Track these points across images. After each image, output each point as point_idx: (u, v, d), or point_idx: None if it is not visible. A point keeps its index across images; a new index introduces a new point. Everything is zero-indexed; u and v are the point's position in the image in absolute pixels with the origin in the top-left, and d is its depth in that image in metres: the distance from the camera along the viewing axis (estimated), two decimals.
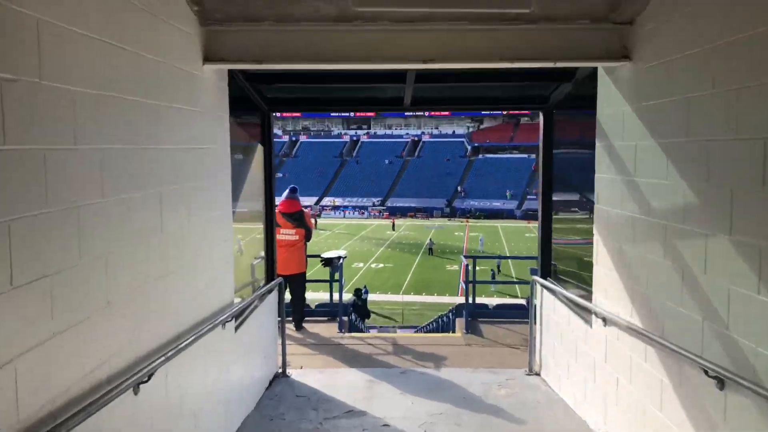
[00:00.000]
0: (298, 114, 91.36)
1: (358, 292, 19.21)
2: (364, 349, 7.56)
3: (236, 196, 5.35)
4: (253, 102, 6.13)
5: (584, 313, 5.10)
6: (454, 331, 9.03)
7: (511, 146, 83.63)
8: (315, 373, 6.61)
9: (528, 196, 71.29)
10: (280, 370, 6.54)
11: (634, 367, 4.07)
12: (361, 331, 11.89)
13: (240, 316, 5.20)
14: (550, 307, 6.04)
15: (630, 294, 4.16)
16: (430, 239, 47.07)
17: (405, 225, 61.07)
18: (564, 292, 5.53)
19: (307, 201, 70.06)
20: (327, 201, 74.55)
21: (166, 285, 3.49)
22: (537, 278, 6.36)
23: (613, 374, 4.43)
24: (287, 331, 8.23)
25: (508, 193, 71.54)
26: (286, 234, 8.28)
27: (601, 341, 4.65)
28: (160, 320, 3.44)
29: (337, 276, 8.93)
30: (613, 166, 4.41)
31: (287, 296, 9.00)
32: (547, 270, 6.39)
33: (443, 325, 11.29)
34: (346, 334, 8.26)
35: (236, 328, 5.00)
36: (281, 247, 8.00)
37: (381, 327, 23.68)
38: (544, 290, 6.23)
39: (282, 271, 7.77)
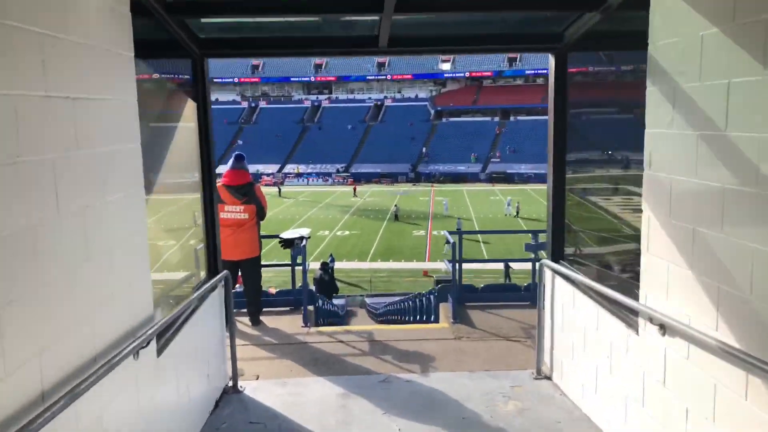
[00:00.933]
0: (257, 79, 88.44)
1: (324, 266, 17.85)
2: (335, 348, 6.27)
3: (156, 169, 3.96)
4: (181, 45, 4.66)
5: (624, 313, 3.89)
6: (438, 320, 7.81)
7: (474, 109, 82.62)
8: (274, 386, 5.29)
9: (492, 159, 70.81)
10: (230, 384, 5.22)
11: (725, 402, 2.87)
12: (332, 313, 10.62)
13: (168, 330, 3.86)
14: (568, 298, 4.83)
15: (713, 298, 2.93)
16: (396, 205, 46.08)
17: (370, 191, 59.76)
18: (591, 283, 4.30)
19: (269, 168, 68.26)
20: (290, 168, 72.50)
21: (4, 324, 2.09)
22: (548, 262, 5.13)
23: (680, 403, 3.24)
24: (241, 328, 6.91)
25: (472, 157, 70.79)
26: (232, 211, 6.82)
27: (657, 355, 3.45)
28: None
29: (300, 259, 7.57)
30: (681, 118, 3.14)
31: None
32: (559, 251, 5.17)
33: (421, 308, 10.07)
34: (313, 329, 6.95)
35: (159, 351, 3.64)
36: (226, 227, 6.58)
37: (348, 296, 22.66)
38: (557, 276, 5.02)
39: (229, 256, 6.38)
